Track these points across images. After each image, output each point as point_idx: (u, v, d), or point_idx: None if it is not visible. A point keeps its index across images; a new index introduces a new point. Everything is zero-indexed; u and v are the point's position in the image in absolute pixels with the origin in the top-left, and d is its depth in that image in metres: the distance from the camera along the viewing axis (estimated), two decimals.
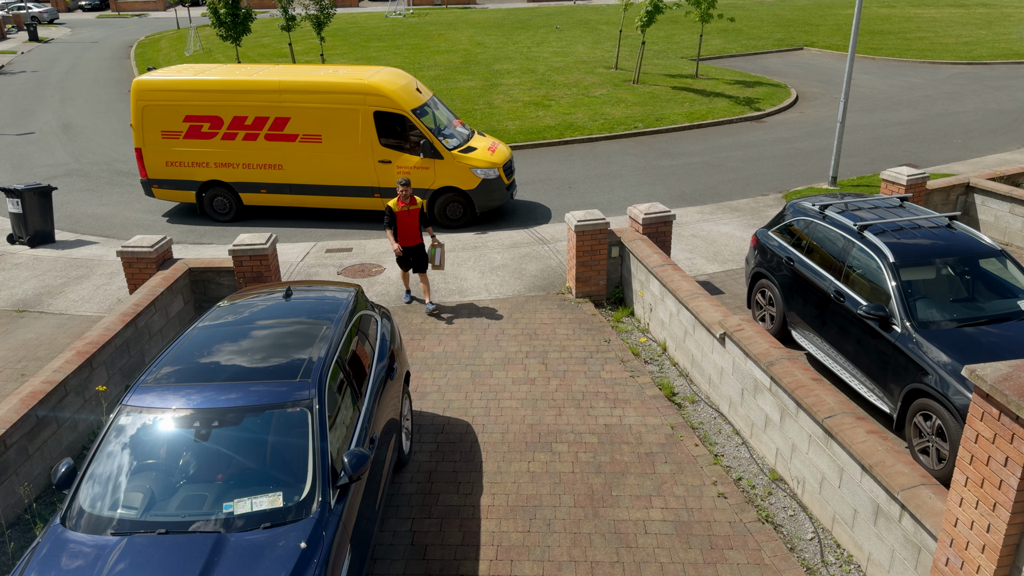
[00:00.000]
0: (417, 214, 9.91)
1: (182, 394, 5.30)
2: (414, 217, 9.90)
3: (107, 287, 11.42)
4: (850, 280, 7.93)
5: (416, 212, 9.90)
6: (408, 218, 9.85)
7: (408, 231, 9.94)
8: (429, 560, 5.91)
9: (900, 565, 5.25)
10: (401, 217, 9.84)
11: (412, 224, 9.92)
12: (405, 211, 9.83)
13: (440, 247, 9.99)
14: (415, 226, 9.97)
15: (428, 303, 10.19)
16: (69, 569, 4.38)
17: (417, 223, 9.96)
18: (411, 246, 10.04)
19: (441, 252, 10.02)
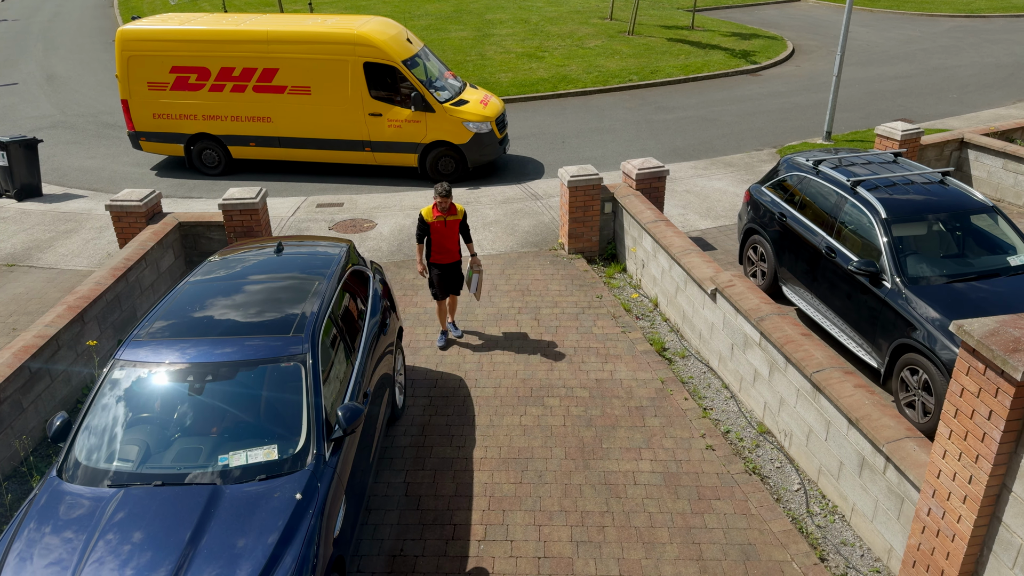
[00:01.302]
0: (456, 226, 7.95)
1: (175, 348, 5.31)
2: (452, 229, 7.94)
3: (96, 241, 11.34)
4: (842, 236, 7.94)
5: (455, 224, 7.93)
6: (445, 230, 7.89)
7: (444, 245, 7.99)
8: (423, 510, 6.02)
9: (883, 515, 5.37)
10: (436, 229, 7.87)
11: (450, 237, 7.97)
12: (441, 222, 7.83)
13: (479, 273, 8.14)
14: (453, 239, 8.00)
15: (452, 325, 8.54)
16: (67, 520, 4.44)
17: (456, 236, 8.02)
18: (447, 263, 8.09)
19: (479, 279, 8.16)
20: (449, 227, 7.91)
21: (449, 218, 7.87)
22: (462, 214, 7.94)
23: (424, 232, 7.94)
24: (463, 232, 8.09)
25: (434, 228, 7.87)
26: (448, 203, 7.73)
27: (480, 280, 8.18)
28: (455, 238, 8.02)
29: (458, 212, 7.91)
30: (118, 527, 4.35)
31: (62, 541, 4.31)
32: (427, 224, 7.86)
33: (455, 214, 7.89)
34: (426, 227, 7.90)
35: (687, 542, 5.66)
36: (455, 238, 8.02)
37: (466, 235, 8.10)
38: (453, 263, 8.13)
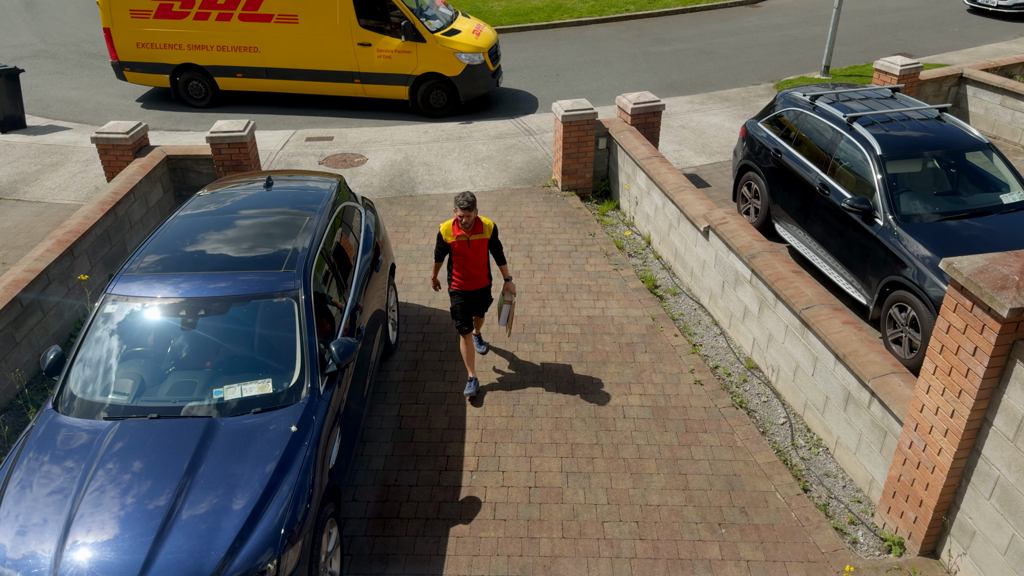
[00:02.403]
0: (484, 246, 6.33)
1: (167, 283, 5.30)
2: (479, 250, 6.33)
3: (83, 174, 11.18)
4: (836, 173, 7.90)
5: (482, 243, 6.31)
6: (469, 251, 6.31)
7: (469, 270, 6.40)
8: (416, 442, 6.13)
9: (866, 448, 5.51)
10: (459, 249, 6.29)
11: (476, 260, 6.36)
12: (464, 241, 6.25)
13: (511, 304, 6.61)
14: (481, 262, 6.39)
15: (476, 338, 7.28)
16: (66, 450, 4.51)
17: (484, 258, 6.40)
18: (473, 290, 6.50)
19: (510, 311, 6.65)
20: (474, 248, 6.28)
21: (474, 237, 6.24)
22: (491, 231, 6.31)
23: (443, 252, 6.42)
24: (494, 251, 6.46)
25: (457, 249, 6.31)
26: (472, 217, 6.11)
27: (512, 312, 6.68)
28: (483, 260, 6.39)
29: (485, 229, 6.28)
30: (116, 457, 4.42)
31: (62, 470, 4.39)
32: (447, 244, 6.31)
33: (481, 232, 6.25)
34: (445, 247, 6.35)
35: (674, 473, 5.80)
36: (483, 260, 6.39)
37: (498, 255, 6.50)
38: (480, 290, 6.57)
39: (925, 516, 4.87)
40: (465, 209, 6.07)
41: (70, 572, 3.89)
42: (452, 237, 6.27)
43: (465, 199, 6.07)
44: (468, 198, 6.08)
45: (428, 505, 5.55)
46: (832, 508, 5.52)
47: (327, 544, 4.66)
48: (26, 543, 4.03)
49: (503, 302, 6.61)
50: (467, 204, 6.06)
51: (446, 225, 6.32)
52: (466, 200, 6.07)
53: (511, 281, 6.64)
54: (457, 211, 6.11)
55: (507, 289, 6.58)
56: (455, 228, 6.25)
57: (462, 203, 6.07)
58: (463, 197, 6.09)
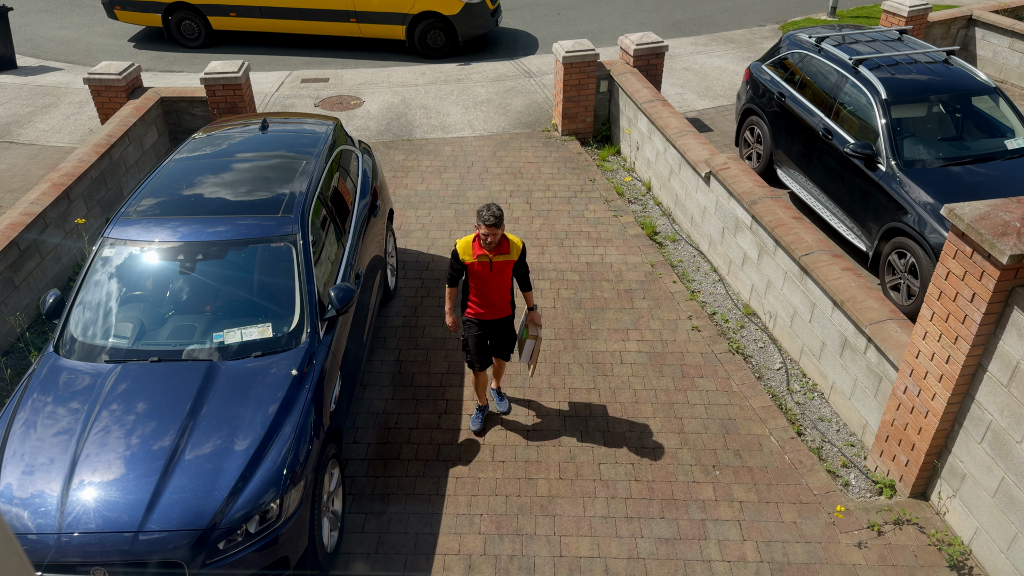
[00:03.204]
0: (508, 268, 5.24)
1: (165, 227, 5.27)
2: (503, 274, 5.23)
3: (77, 116, 11.02)
4: (840, 117, 7.79)
5: (507, 266, 5.22)
6: (491, 275, 5.20)
7: (489, 297, 5.31)
8: (416, 386, 6.20)
9: (861, 393, 5.57)
10: (478, 272, 5.20)
11: (498, 285, 5.27)
12: (486, 263, 5.15)
13: (537, 338, 5.51)
14: (503, 288, 5.31)
15: (496, 393, 5.99)
16: (68, 392, 4.55)
17: (507, 283, 5.32)
18: (492, 319, 5.42)
19: (536, 346, 5.52)
20: (497, 271, 5.19)
21: (498, 258, 5.14)
22: (519, 251, 5.20)
23: (458, 274, 5.31)
24: (519, 275, 5.35)
25: (475, 272, 5.19)
26: (498, 236, 5.01)
27: (537, 347, 5.53)
28: (506, 286, 5.31)
29: (513, 249, 5.17)
30: (119, 399, 4.47)
31: (66, 411, 4.44)
32: (464, 265, 5.19)
33: (507, 252, 5.16)
34: (462, 268, 5.23)
35: (669, 417, 5.88)
36: (506, 286, 5.31)
37: (524, 279, 5.38)
38: (502, 320, 5.45)
39: (917, 459, 4.96)
40: (491, 226, 4.91)
41: (76, 511, 3.97)
42: (472, 257, 5.12)
43: (491, 213, 4.90)
44: (495, 212, 4.90)
45: (428, 447, 5.63)
46: (825, 451, 5.61)
47: (329, 484, 4.74)
48: (32, 482, 4.10)
49: (526, 336, 5.51)
50: (494, 220, 4.90)
51: (464, 242, 5.14)
52: (492, 215, 4.90)
53: (536, 311, 5.46)
54: (480, 227, 4.96)
55: (531, 320, 5.45)
56: (475, 246, 5.11)
57: (488, 219, 4.90)
58: (488, 211, 4.91)
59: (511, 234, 5.28)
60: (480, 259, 5.14)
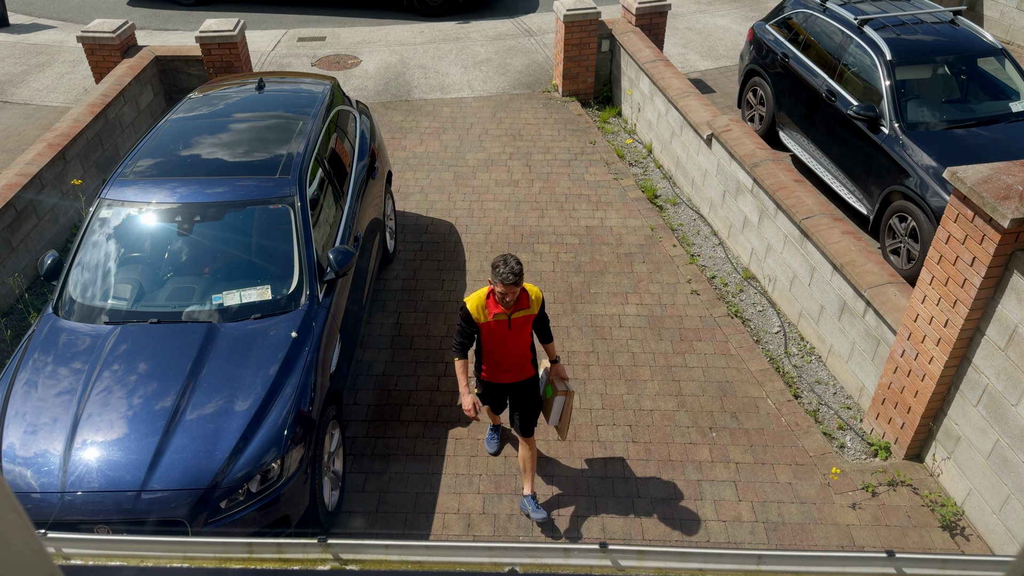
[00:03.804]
0: (528, 325, 4.53)
1: (162, 188, 5.24)
2: (522, 331, 4.52)
3: (71, 75, 10.88)
4: (844, 79, 7.70)
5: (526, 322, 4.50)
6: (509, 334, 4.48)
7: (509, 356, 4.57)
8: (415, 349, 6.22)
9: (859, 356, 5.59)
10: (494, 332, 4.48)
11: (518, 343, 4.54)
12: (503, 322, 4.43)
13: (567, 393, 4.67)
14: (522, 346, 4.58)
15: (530, 500, 4.81)
16: (69, 353, 4.56)
17: (528, 339, 4.60)
18: (511, 383, 4.69)
19: (565, 404, 4.72)
20: (517, 328, 4.47)
21: (517, 314, 4.42)
22: (539, 304, 4.51)
23: (470, 341, 4.50)
24: (538, 328, 4.67)
25: (489, 332, 4.46)
26: (517, 293, 4.27)
27: (568, 407, 4.72)
28: (526, 343, 4.60)
29: (532, 302, 4.46)
30: (120, 360, 4.48)
31: (67, 371, 4.46)
32: (476, 325, 4.45)
33: (526, 307, 4.44)
34: (474, 332, 4.48)
35: (667, 379, 5.92)
36: (526, 343, 4.60)
37: (544, 331, 4.69)
38: (523, 382, 4.70)
39: (912, 422, 5.00)
40: (510, 285, 4.18)
41: (79, 470, 4.01)
42: (485, 317, 4.39)
43: (510, 270, 4.14)
44: (514, 268, 4.15)
45: (428, 409, 5.67)
46: (822, 414, 5.65)
47: (330, 445, 4.79)
48: (35, 441, 4.13)
49: (551, 394, 4.70)
50: (513, 278, 4.15)
51: (475, 300, 4.39)
52: (511, 272, 4.14)
53: (560, 363, 4.75)
54: (497, 286, 4.20)
55: (555, 373, 4.72)
56: (490, 304, 4.40)
57: (506, 276, 4.14)
58: (506, 266, 4.15)
59: (527, 283, 4.49)
60: (497, 318, 4.38)
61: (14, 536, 0.73)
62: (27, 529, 0.74)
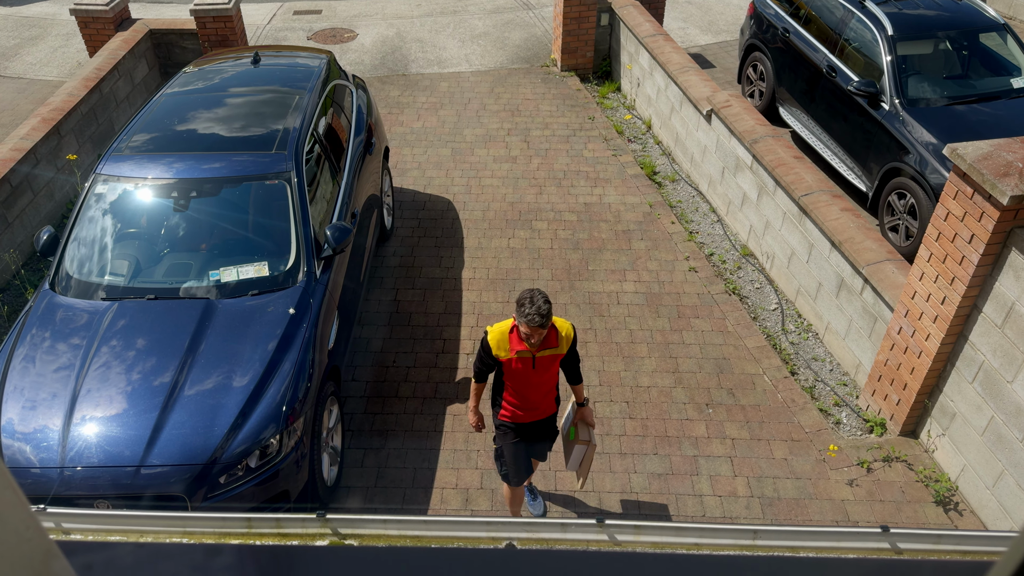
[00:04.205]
0: (555, 364, 4.07)
1: (158, 163, 5.21)
2: (548, 370, 4.06)
3: (64, 49, 10.76)
4: (844, 54, 7.64)
5: (553, 361, 4.03)
6: (534, 373, 4.02)
7: (532, 395, 4.13)
8: (414, 326, 6.22)
9: (856, 333, 5.61)
10: (514, 370, 4.02)
11: (543, 382, 4.10)
12: (527, 359, 3.97)
13: (589, 444, 4.31)
14: (550, 383, 4.14)
15: (527, 490, 4.94)
16: (66, 328, 4.56)
17: (553, 379, 4.15)
18: (533, 422, 4.26)
19: (587, 453, 4.35)
20: (542, 368, 4.02)
21: (543, 352, 3.95)
22: (569, 342, 4.01)
23: (489, 369, 4.12)
24: (567, 368, 4.19)
25: (510, 369, 4.02)
26: (543, 334, 3.77)
27: (589, 456, 4.35)
28: (552, 383, 4.16)
29: (562, 340, 3.98)
30: (117, 335, 4.48)
31: (66, 347, 4.45)
32: (499, 362, 4.00)
33: (555, 345, 3.96)
34: (494, 365, 4.05)
35: (665, 356, 5.93)
36: (552, 383, 4.16)
37: (573, 371, 4.21)
38: (544, 420, 4.31)
39: (908, 399, 5.02)
40: (537, 327, 3.69)
41: (78, 445, 4.02)
42: (507, 353, 3.94)
43: (537, 311, 3.65)
44: (541, 309, 3.66)
45: (426, 385, 5.69)
46: (818, 391, 5.68)
47: (328, 421, 4.81)
48: (34, 417, 4.14)
49: (574, 437, 4.33)
50: (540, 320, 3.67)
51: (497, 333, 3.95)
52: (539, 313, 3.66)
53: (587, 407, 4.34)
54: (521, 325, 3.73)
55: (582, 418, 4.33)
56: (513, 339, 3.92)
57: (532, 318, 3.66)
58: (533, 306, 3.66)
59: (557, 318, 3.98)
60: (520, 356, 3.93)
61: (10, 513, 0.73)
62: (23, 506, 0.74)
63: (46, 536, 0.77)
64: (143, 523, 1.33)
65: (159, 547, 1.18)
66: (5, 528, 0.72)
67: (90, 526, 1.33)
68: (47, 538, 0.78)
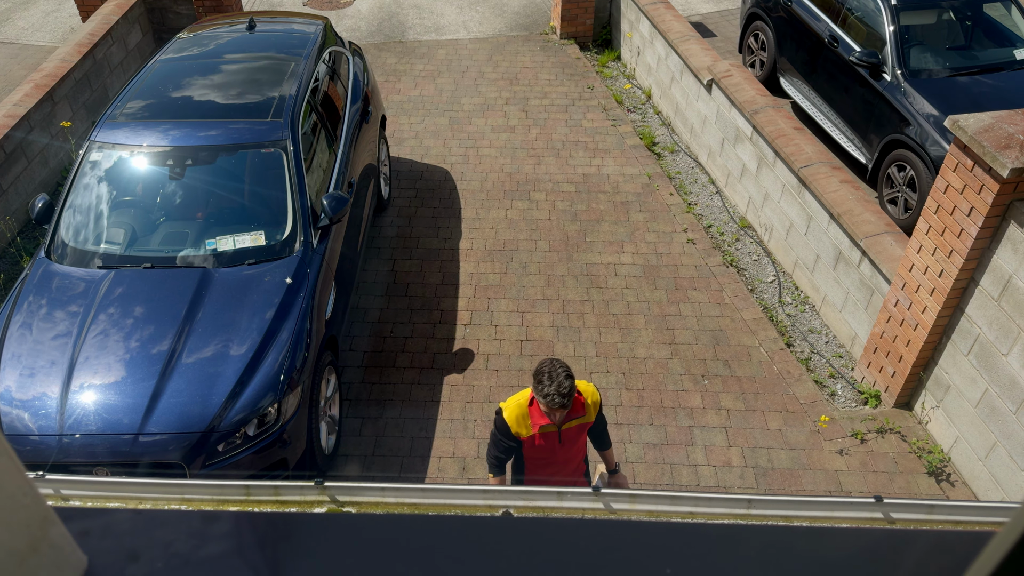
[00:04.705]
0: (583, 434, 3.62)
1: (153, 130, 5.15)
2: (575, 443, 3.62)
3: (57, 14, 10.60)
4: (847, 24, 7.55)
5: (580, 432, 3.59)
6: (559, 448, 3.57)
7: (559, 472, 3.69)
8: (411, 297, 6.22)
9: (852, 305, 5.62)
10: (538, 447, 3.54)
11: (570, 456, 3.67)
12: (551, 434, 3.49)
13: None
14: (577, 457, 3.73)
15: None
16: (63, 296, 4.55)
17: (582, 451, 3.74)
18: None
19: None
20: (569, 441, 3.57)
21: (569, 424, 3.51)
22: (596, 408, 3.57)
23: (507, 452, 3.59)
24: (595, 436, 3.78)
25: (532, 447, 3.55)
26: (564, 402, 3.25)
27: None
28: (580, 455, 3.75)
29: (588, 408, 3.53)
30: (114, 303, 4.47)
31: (64, 314, 4.45)
32: (517, 442, 3.51)
33: (581, 414, 3.51)
34: (513, 442, 3.52)
35: (661, 328, 5.94)
36: (580, 455, 3.75)
37: (602, 437, 3.80)
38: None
39: (903, 371, 5.05)
40: (558, 407, 3.25)
41: (76, 413, 4.03)
42: (528, 429, 3.46)
43: (558, 390, 3.21)
44: (562, 387, 3.21)
45: (423, 356, 5.71)
46: (814, 362, 5.71)
47: (326, 390, 4.82)
48: (33, 384, 4.15)
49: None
50: (561, 400, 3.22)
51: (515, 408, 3.47)
52: (559, 393, 3.21)
53: (621, 473, 3.99)
54: (542, 406, 3.31)
55: (615, 484, 3.84)
56: (534, 413, 3.45)
57: (554, 399, 3.22)
58: (552, 383, 3.22)
59: (580, 381, 3.55)
60: (543, 431, 3.46)
61: (7, 480, 0.73)
62: (19, 472, 0.74)
63: (44, 502, 0.78)
64: (142, 490, 1.34)
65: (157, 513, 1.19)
66: (2, 494, 0.72)
67: (89, 492, 1.34)
68: (44, 504, 0.78)
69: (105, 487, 1.35)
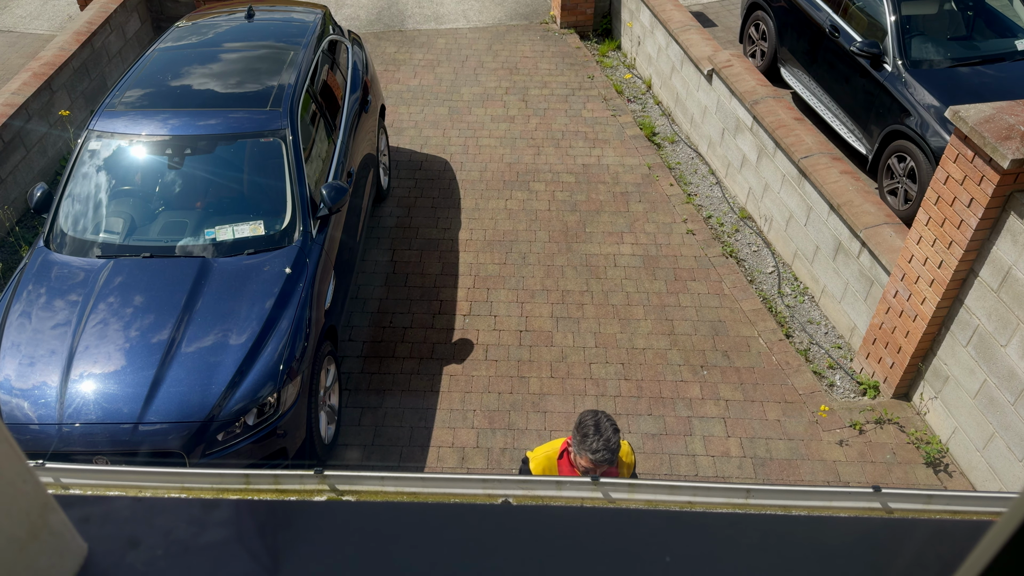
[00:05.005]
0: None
1: (152, 120, 5.14)
2: None
3: (55, 2, 10.54)
4: (848, 14, 7.52)
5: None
6: None
7: None
8: (411, 287, 6.22)
9: (851, 296, 5.62)
10: None
11: None
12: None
13: None
14: None
15: None
16: (62, 286, 4.55)
17: None
18: None
19: None
20: None
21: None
22: (630, 468, 3.44)
23: None
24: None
25: None
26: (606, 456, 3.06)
27: None
28: None
29: (623, 467, 3.38)
30: (114, 293, 4.47)
31: (63, 303, 4.45)
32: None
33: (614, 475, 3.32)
34: None
35: (660, 319, 5.95)
36: None
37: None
38: None
39: (902, 362, 5.06)
40: (605, 463, 3.06)
41: (76, 402, 4.04)
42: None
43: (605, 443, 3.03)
44: (611, 442, 3.04)
45: (422, 346, 5.71)
46: (813, 353, 5.71)
47: (325, 379, 4.83)
48: (32, 373, 4.15)
49: None
50: (609, 456, 3.05)
51: (542, 460, 3.35)
52: (607, 447, 3.03)
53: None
54: (582, 457, 3.08)
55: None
56: (563, 467, 3.31)
57: (603, 456, 3.03)
58: (600, 438, 3.03)
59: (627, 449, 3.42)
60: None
61: (7, 467, 0.73)
62: (19, 460, 0.74)
63: (43, 490, 0.78)
64: (142, 478, 1.34)
65: (157, 501, 1.19)
66: (3, 482, 0.72)
67: (89, 481, 1.34)
68: (44, 492, 0.78)
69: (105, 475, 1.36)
